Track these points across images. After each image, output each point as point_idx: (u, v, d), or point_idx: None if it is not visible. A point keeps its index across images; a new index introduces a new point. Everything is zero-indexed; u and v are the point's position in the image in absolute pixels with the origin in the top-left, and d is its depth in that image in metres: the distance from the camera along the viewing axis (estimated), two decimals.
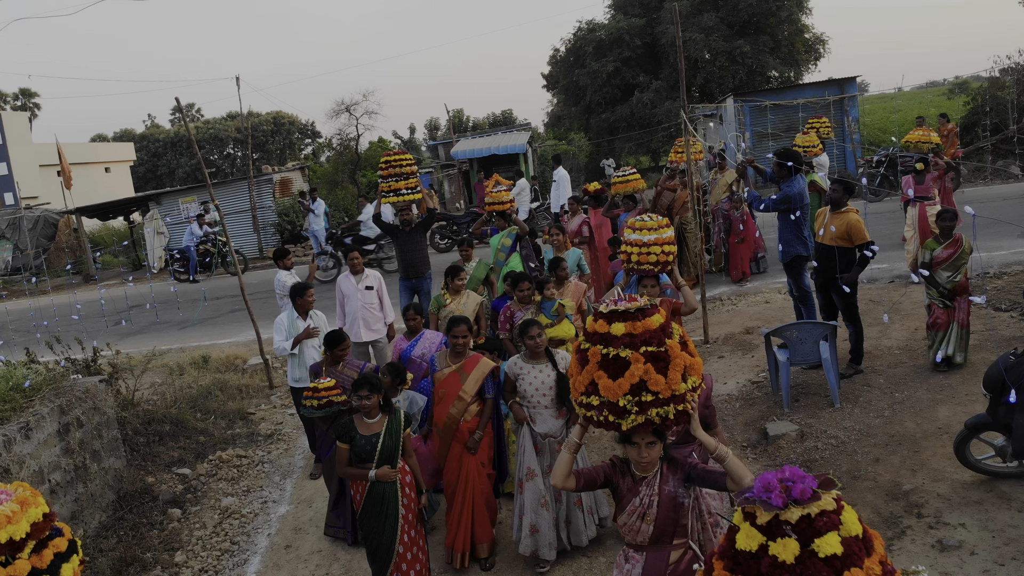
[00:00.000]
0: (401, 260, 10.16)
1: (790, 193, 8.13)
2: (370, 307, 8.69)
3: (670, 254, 5.90)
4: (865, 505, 5.64)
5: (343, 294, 8.71)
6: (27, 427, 6.41)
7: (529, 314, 6.78)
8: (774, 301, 10.76)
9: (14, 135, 37.77)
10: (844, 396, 7.38)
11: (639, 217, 6.04)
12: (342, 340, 6.52)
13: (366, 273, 8.73)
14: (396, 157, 9.75)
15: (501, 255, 9.71)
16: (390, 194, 9.69)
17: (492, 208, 10.21)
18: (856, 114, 22.58)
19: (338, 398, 5.99)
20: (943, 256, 7.40)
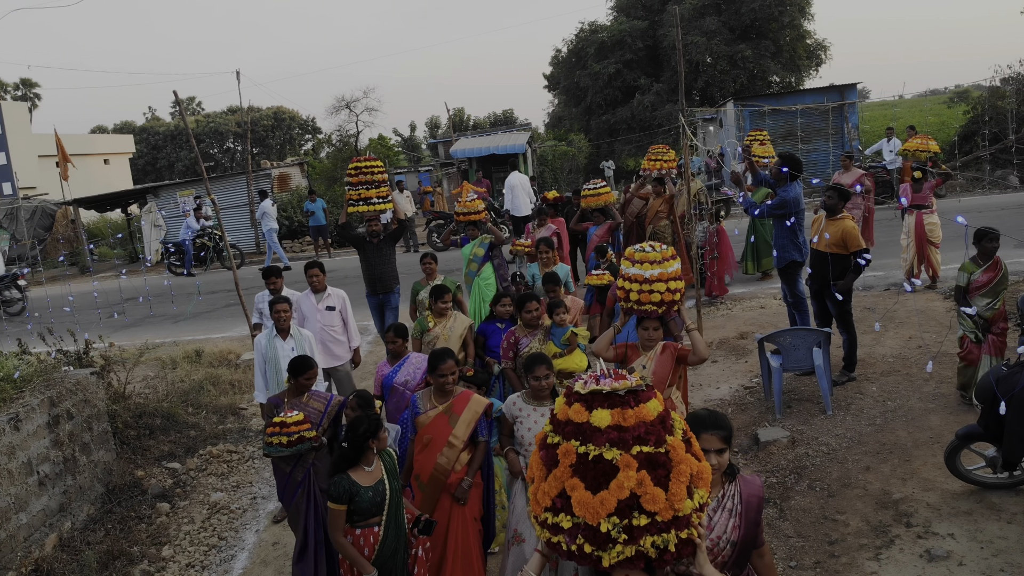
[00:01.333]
0: (368, 274, 9.48)
1: (786, 198, 8.12)
2: (331, 329, 7.91)
3: (677, 291, 5.06)
4: (854, 513, 5.63)
5: (302, 314, 7.90)
6: (16, 418, 6.39)
7: (536, 342, 6.24)
8: (769, 306, 10.75)
9: (13, 125, 37.71)
10: (836, 403, 7.38)
11: (639, 247, 5.19)
12: (308, 367, 5.67)
13: (329, 291, 8.00)
14: (366, 163, 9.07)
15: (473, 265, 9.26)
16: (359, 203, 9.00)
17: (465, 218, 9.65)
18: (856, 120, 22.60)
19: (309, 433, 5.24)
20: (982, 280, 6.71)
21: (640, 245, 5.19)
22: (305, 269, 8.01)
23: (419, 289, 8.40)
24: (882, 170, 18.76)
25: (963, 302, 6.80)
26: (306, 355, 5.95)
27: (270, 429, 5.25)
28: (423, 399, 5.28)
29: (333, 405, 5.62)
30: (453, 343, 6.80)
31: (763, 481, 5.45)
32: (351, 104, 30.32)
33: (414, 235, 21.78)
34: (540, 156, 31.33)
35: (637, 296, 5.05)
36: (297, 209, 24.34)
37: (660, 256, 5.08)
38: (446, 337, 6.88)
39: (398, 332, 6.35)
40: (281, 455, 5.27)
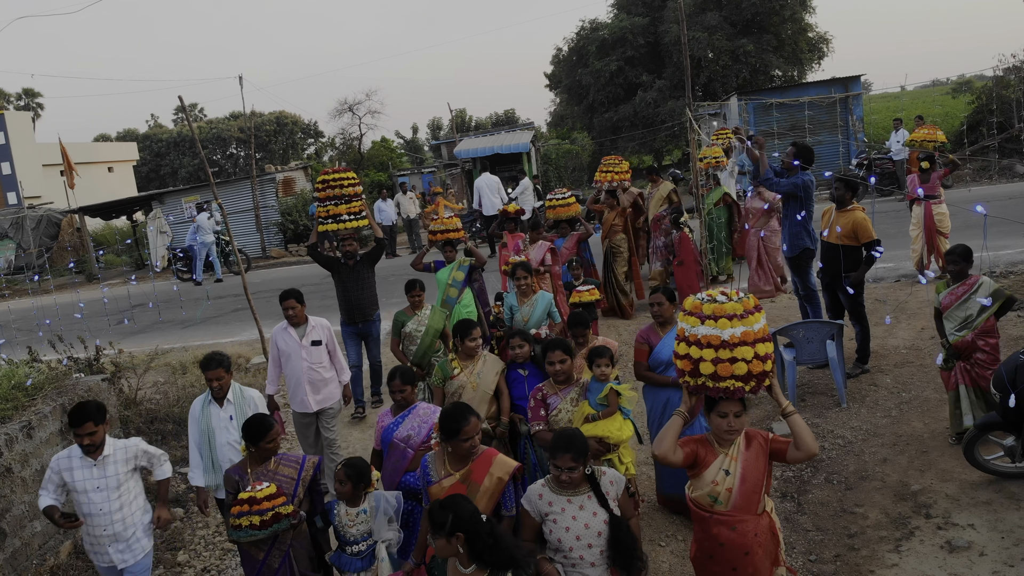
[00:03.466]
0: (344, 300, 8.54)
1: (798, 183, 8.03)
2: (318, 367, 6.87)
3: (768, 358, 3.66)
4: (873, 505, 5.60)
5: (279, 351, 6.91)
6: (29, 426, 6.39)
7: (568, 402, 5.15)
8: (780, 300, 10.71)
9: (17, 135, 37.85)
10: (851, 396, 7.34)
11: (706, 296, 3.77)
12: (268, 429, 4.70)
13: (311, 323, 6.91)
14: (335, 176, 8.27)
15: (452, 291, 8.48)
16: (328, 220, 8.17)
17: (441, 236, 8.86)
18: (860, 113, 22.54)
19: (285, 509, 4.40)
20: (946, 302, 6.21)
21: (707, 293, 3.81)
22: (280, 300, 6.88)
23: (404, 320, 7.50)
24: (888, 161, 18.70)
25: (938, 325, 6.35)
26: (262, 413, 5.04)
27: (236, 508, 4.37)
28: (435, 464, 4.37)
29: (307, 469, 4.74)
30: (484, 394, 5.71)
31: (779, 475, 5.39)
32: (354, 107, 30.36)
33: (418, 237, 21.81)
34: (544, 155, 31.31)
35: (712, 368, 3.62)
36: (302, 213, 24.38)
37: (740, 308, 3.68)
38: (474, 386, 5.71)
39: (405, 378, 5.27)
40: (255, 538, 4.38)
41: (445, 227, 8.95)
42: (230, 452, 5.65)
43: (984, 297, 6.01)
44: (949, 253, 6.25)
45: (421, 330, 7.41)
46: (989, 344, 6.00)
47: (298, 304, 6.85)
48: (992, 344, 6.01)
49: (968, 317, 6.06)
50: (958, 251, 6.18)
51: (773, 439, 3.84)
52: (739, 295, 3.75)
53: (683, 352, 3.74)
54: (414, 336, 7.44)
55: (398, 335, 7.56)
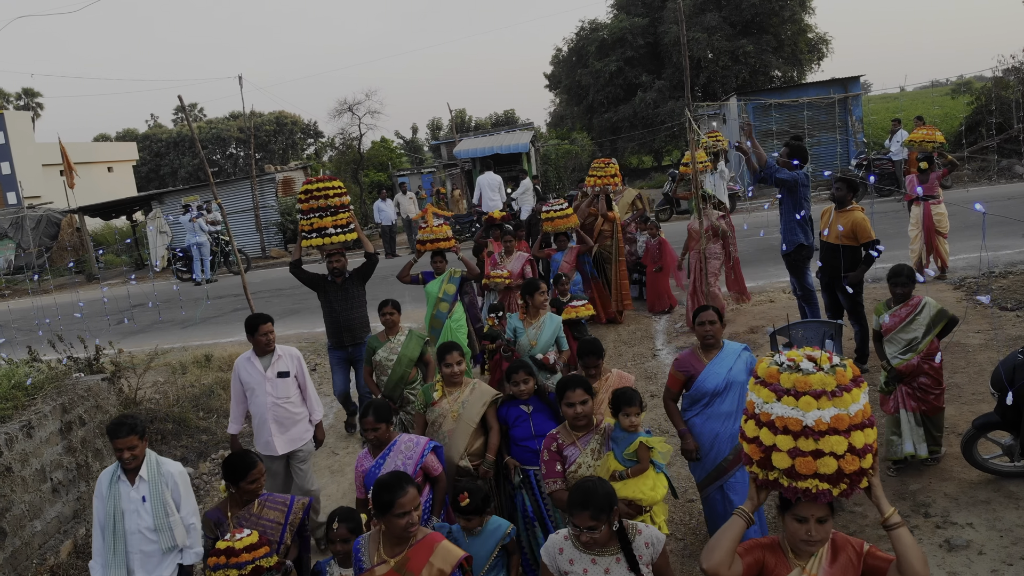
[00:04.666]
0: (331, 322, 7.82)
1: (796, 176, 8.03)
2: (285, 403, 6.08)
3: (867, 450, 2.79)
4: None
5: (243, 384, 6.14)
6: (29, 425, 6.40)
7: (587, 455, 4.39)
8: (778, 300, 10.72)
9: (17, 135, 37.88)
10: None
11: (784, 360, 2.90)
12: (250, 467, 4.30)
13: (279, 352, 6.12)
14: (320, 185, 7.61)
15: (443, 305, 7.94)
16: (312, 234, 7.52)
17: (431, 247, 8.30)
18: (860, 113, 22.58)
19: (268, 561, 3.95)
20: (889, 325, 5.95)
21: (787, 354, 2.97)
22: (251, 329, 6.06)
23: (376, 346, 6.82)
24: (887, 162, 18.73)
25: (878, 348, 6.08)
26: (246, 450, 4.45)
27: (212, 559, 3.90)
28: (369, 546, 3.67)
29: (296, 512, 4.31)
30: (466, 426, 5.13)
31: None
32: (353, 107, 30.33)
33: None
34: (543, 155, 31.33)
35: (789, 462, 2.78)
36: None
37: (832, 381, 2.79)
38: (455, 416, 5.14)
39: (380, 415, 4.64)
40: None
41: (434, 236, 8.29)
42: (141, 542, 4.54)
43: (925, 320, 5.81)
44: (896, 275, 5.91)
45: (393, 359, 6.68)
46: (933, 367, 5.80)
47: (271, 329, 6.12)
48: (936, 367, 5.80)
49: (913, 339, 5.83)
50: (905, 272, 5.92)
51: (869, 553, 2.95)
52: (832, 361, 2.87)
53: (751, 434, 2.91)
54: (384, 366, 6.71)
55: (370, 363, 6.87)
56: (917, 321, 5.80)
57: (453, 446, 5.08)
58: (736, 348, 5.03)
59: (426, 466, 4.64)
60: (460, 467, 5.07)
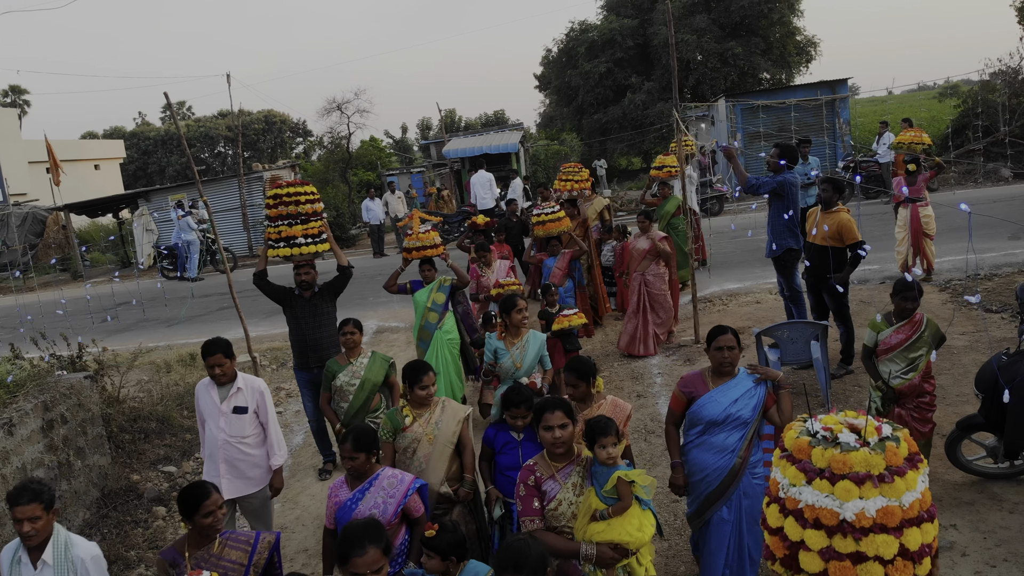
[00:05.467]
0: (297, 340, 7.18)
1: (787, 179, 8.03)
2: (240, 443, 5.40)
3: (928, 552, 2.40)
4: None
5: (199, 412, 5.60)
6: (10, 423, 6.33)
7: (568, 490, 3.93)
8: (765, 301, 10.73)
9: (3, 132, 37.54)
10: (835, 396, 7.37)
11: (814, 430, 2.56)
12: (202, 498, 3.80)
13: (238, 384, 5.44)
14: (290, 190, 7.07)
15: (432, 315, 7.53)
16: (280, 244, 7.01)
17: (418, 254, 7.90)
18: (848, 116, 22.67)
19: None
20: (892, 342, 5.58)
21: (822, 420, 2.55)
22: (204, 356, 5.35)
23: (336, 370, 6.26)
24: (874, 164, 18.81)
25: (870, 367, 5.74)
26: (200, 481, 3.97)
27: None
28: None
29: (261, 551, 3.85)
30: (443, 448, 4.77)
31: None
32: (342, 106, 30.24)
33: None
34: (533, 156, 31.33)
35: (820, 566, 2.31)
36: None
37: (880, 461, 2.30)
38: (431, 439, 4.76)
39: (359, 444, 4.20)
40: None
41: (421, 243, 7.84)
42: None
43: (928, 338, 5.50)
44: (906, 288, 5.47)
45: (355, 384, 6.19)
46: (932, 385, 5.61)
47: (225, 359, 5.34)
48: (933, 385, 5.64)
49: (917, 358, 5.50)
50: (916, 286, 5.50)
51: None
52: (881, 432, 2.33)
53: (774, 523, 2.40)
54: (345, 391, 6.21)
55: (328, 388, 6.31)
56: (922, 339, 5.49)
57: (432, 471, 4.72)
58: (748, 381, 4.48)
59: (408, 507, 4.22)
60: (440, 493, 4.72)
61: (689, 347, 9.49)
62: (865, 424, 2.34)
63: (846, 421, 2.41)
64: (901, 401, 5.58)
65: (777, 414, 4.43)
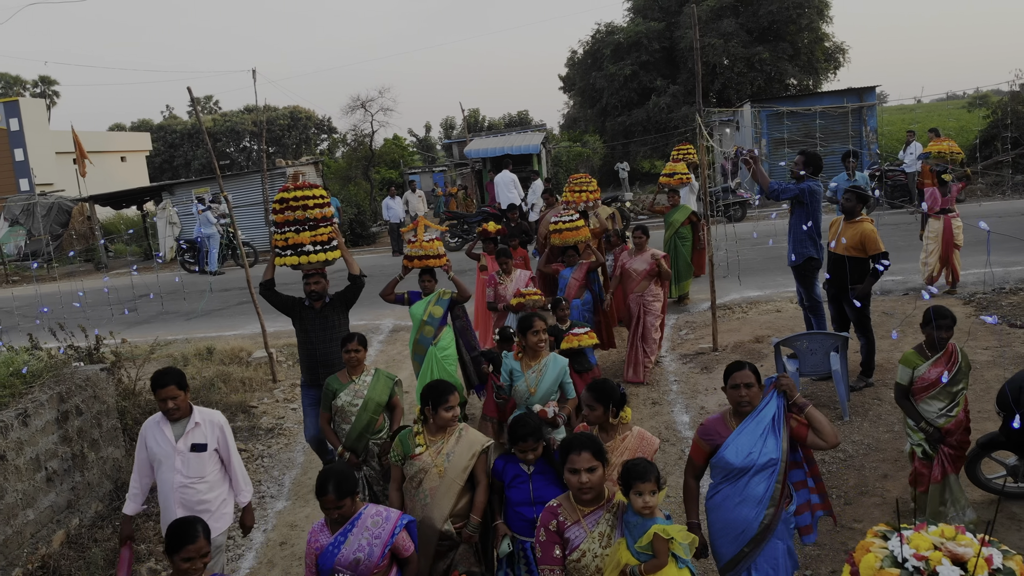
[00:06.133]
0: (306, 354, 6.80)
1: (804, 188, 7.92)
2: (198, 484, 4.89)
3: None
4: (871, 521, 5.51)
5: (149, 452, 4.96)
6: (25, 413, 6.36)
7: (594, 540, 3.60)
8: (785, 310, 10.61)
9: (31, 122, 38.04)
10: (854, 409, 7.26)
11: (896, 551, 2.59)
12: (187, 541, 3.61)
13: (195, 418, 4.93)
14: (297, 194, 6.68)
15: (428, 329, 7.13)
16: (287, 251, 6.67)
17: (419, 264, 7.43)
18: (875, 123, 22.46)
19: None
20: (931, 377, 5.11)
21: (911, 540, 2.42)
22: (153, 388, 4.86)
23: (337, 389, 5.84)
24: (900, 173, 18.61)
25: (908, 407, 5.28)
26: (195, 518, 3.80)
27: None
28: None
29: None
30: (452, 483, 4.43)
31: None
32: (366, 104, 30.35)
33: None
34: (554, 157, 31.27)
35: None
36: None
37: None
38: (440, 471, 4.42)
39: (342, 490, 3.87)
40: None
41: (424, 252, 7.38)
42: None
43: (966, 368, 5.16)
44: (942, 317, 5.07)
45: (357, 404, 5.76)
46: (969, 419, 5.30)
47: (178, 391, 4.82)
48: (969, 418, 5.33)
49: (959, 392, 5.11)
50: (950, 315, 5.12)
51: None
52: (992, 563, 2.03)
53: None
54: (347, 412, 5.77)
55: (328, 408, 5.87)
56: (961, 371, 5.11)
57: (436, 507, 4.39)
58: (766, 414, 4.04)
59: (396, 546, 3.93)
60: (442, 532, 4.41)
61: (707, 354, 9.39)
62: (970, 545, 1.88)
63: (944, 546, 1.99)
64: (947, 439, 5.15)
65: (818, 437, 3.99)
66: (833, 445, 3.95)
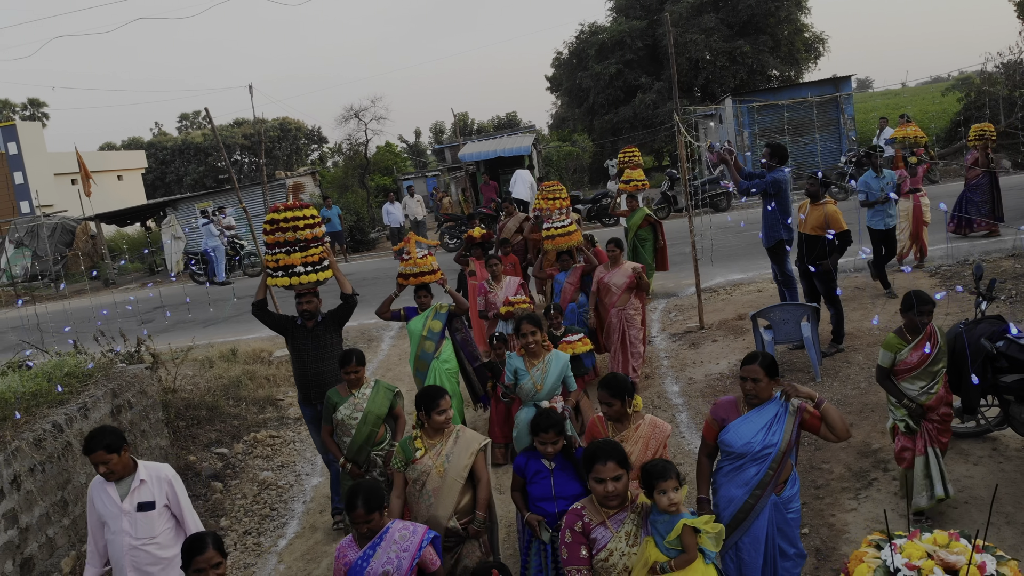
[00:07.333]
0: (299, 373, 6.81)
1: (776, 178, 8.73)
2: (148, 545, 4.51)
3: None
4: (838, 462, 6.33)
5: (97, 514, 4.59)
6: (85, 407, 7.13)
7: (621, 539, 3.72)
8: (766, 290, 11.42)
9: (29, 145, 38.76)
10: (825, 371, 8.07)
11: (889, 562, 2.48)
12: (197, 552, 3.69)
13: (140, 474, 4.57)
14: (288, 215, 6.56)
15: (428, 344, 7.16)
16: (278, 273, 6.58)
17: (414, 280, 7.34)
18: (852, 111, 23.27)
19: None
20: (914, 361, 5.31)
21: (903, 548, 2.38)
22: (84, 451, 4.46)
23: (338, 402, 5.87)
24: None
25: (891, 387, 5.46)
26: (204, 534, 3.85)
27: None
28: None
29: None
30: (453, 482, 4.58)
31: None
32: (360, 113, 31.12)
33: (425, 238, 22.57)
34: (545, 157, 32.04)
35: None
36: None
37: None
38: (440, 472, 4.57)
39: (371, 504, 3.92)
40: None
41: (418, 268, 7.30)
42: None
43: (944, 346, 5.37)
44: (924, 302, 5.24)
45: (357, 417, 5.79)
46: (951, 394, 5.56)
47: (111, 455, 4.41)
48: (951, 394, 5.58)
49: (939, 371, 5.35)
50: (931, 299, 5.27)
51: None
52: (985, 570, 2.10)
53: None
54: (347, 425, 5.81)
55: (330, 421, 5.91)
56: (941, 350, 5.33)
57: (440, 506, 4.55)
58: (771, 411, 4.26)
59: (423, 561, 3.97)
60: (448, 528, 4.56)
61: (694, 332, 10.20)
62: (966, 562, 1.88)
63: (937, 554, 1.98)
64: (928, 415, 5.37)
65: (830, 431, 4.18)
66: (844, 439, 4.16)
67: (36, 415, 6.66)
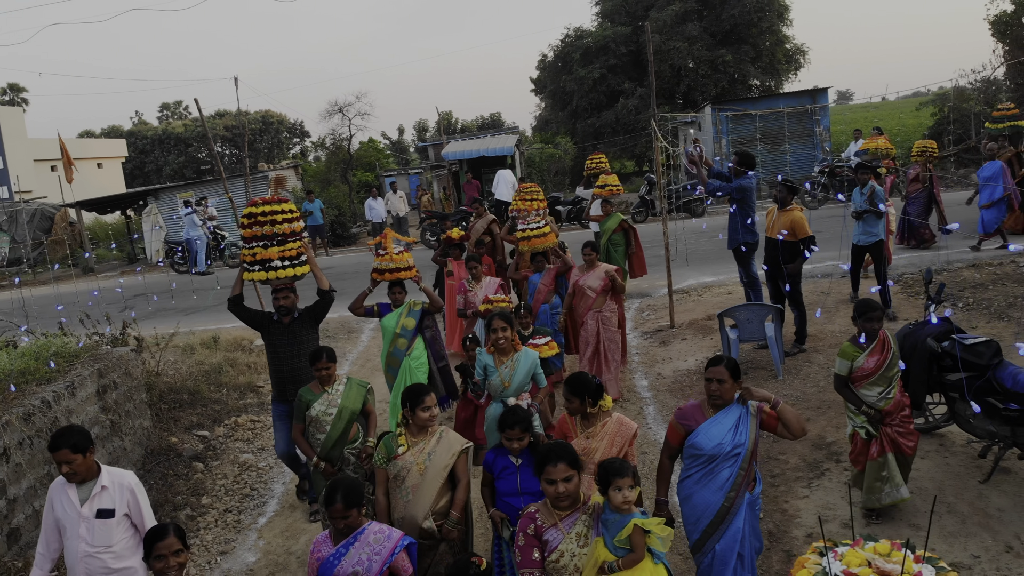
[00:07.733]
0: (275, 370, 6.74)
1: (742, 184, 9.12)
2: (103, 553, 4.35)
3: None
4: (794, 453, 6.70)
5: (56, 517, 4.43)
6: (72, 385, 7.35)
7: (571, 540, 3.80)
8: (735, 292, 11.78)
9: (9, 130, 38.50)
10: (787, 370, 8.44)
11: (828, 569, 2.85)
12: (157, 538, 3.79)
13: (103, 480, 4.44)
14: (265, 208, 6.49)
15: (401, 341, 7.17)
16: (255, 267, 6.50)
17: (389, 276, 7.36)
18: (827, 123, 23.80)
19: None
20: (870, 367, 5.51)
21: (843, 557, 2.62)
22: (50, 449, 4.33)
23: (311, 399, 5.79)
24: (848, 170, 19.95)
25: (848, 395, 5.65)
26: (167, 524, 3.89)
27: None
28: None
29: None
30: (432, 481, 4.63)
31: None
32: (344, 109, 31.27)
33: (407, 234, 22.82)
34: (528, 158, 32.37)
35: None
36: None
37: None
38: (421, 469, 4.62)
39: (350, 500, 3.98)
40: None
41: (394, 264, 7.32)
42: None
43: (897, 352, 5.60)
44: (871, 309, 5.51)
45: (331, 413, 5.74)
46: (908, 397, 5.75)
47: (76, 455, 4.31)
48: (908, 396, 5.77)
49: (894, 376, 5.54)
50: (879, 306, 5.57)
51: None
52: None
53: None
54: (322, 421, 5.74)
55: (302, 419, 5.81)
56: (895, 355, 5.53)
57: (418, 503, 4.59)
58: (735, 412, 4.41)
59: (394, 566, 4.00)
60: (423, 529, 4.57)
61: (665, 331, 10.55)
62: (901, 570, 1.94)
63: (875, 564, 2.07)
64: (887, 420, 5.54)
65: (786, 430, 4.34)
66: (799, 436, 4.32)
67: (25, 392, 6.87)
